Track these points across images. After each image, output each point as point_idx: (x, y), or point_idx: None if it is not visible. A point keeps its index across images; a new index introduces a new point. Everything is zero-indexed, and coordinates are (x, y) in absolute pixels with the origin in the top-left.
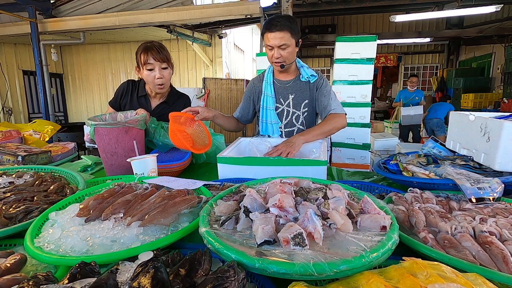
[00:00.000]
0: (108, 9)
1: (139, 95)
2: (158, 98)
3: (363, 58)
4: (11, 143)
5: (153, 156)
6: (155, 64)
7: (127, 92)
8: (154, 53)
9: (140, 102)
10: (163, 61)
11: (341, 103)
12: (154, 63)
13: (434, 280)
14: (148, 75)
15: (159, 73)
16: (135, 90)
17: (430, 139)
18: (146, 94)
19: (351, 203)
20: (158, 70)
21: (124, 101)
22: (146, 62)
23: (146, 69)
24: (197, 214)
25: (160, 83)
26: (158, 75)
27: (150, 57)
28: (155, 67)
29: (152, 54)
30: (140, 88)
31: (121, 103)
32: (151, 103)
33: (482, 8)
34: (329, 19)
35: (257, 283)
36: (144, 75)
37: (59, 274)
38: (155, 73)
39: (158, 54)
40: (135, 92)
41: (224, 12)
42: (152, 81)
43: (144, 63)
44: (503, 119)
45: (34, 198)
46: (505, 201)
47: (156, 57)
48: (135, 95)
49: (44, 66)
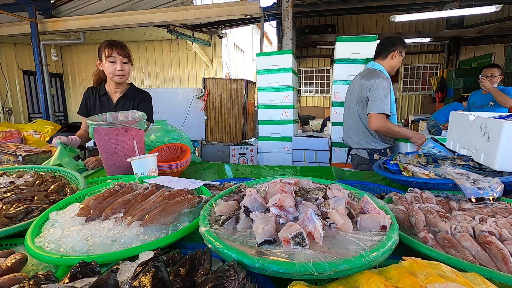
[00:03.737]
0: (108, 9)
1: (100, 95)
2: (118, 93)
3: (363, 58)
4: (12, 143)
5: (153, 156)
6: (117, 58)
7: (89, 97)
8: (118, 49)
9: (102, 100)
10: (124, 56)
11: (341, 103)
12: (116, 57)
13: (434, 279)
14: (109, 67)
15: (120, 66)
16: (96, 92)
17: (430, 139)
18: (106, 92)
19: (351, 203)
20: (120, 64)
21: (89, 105)
22: (110, 55)
23: (109, 61)
24: (197, 213)
25: (120, 74)
26: (119, 67)
27: (114, 51)
28: (117, 60)
29: (116, 49)
30: (100, 89)
31: (87, 107)
32: (112, 99)
33: (482, 8)
34: (329, 19)
35: (257, 283)
36: (105, 66)
37: (60, 274)
38: (116, 66)
39: (121, 50)
40: (96, 93)
41: (224, 12)
42: (112, 72)
43: (108, 55)
44: (503, 119)
45: (34, 197)
46: (504, 201)
47: (120, 52)
48: (96, 96)
49: (44, 66)
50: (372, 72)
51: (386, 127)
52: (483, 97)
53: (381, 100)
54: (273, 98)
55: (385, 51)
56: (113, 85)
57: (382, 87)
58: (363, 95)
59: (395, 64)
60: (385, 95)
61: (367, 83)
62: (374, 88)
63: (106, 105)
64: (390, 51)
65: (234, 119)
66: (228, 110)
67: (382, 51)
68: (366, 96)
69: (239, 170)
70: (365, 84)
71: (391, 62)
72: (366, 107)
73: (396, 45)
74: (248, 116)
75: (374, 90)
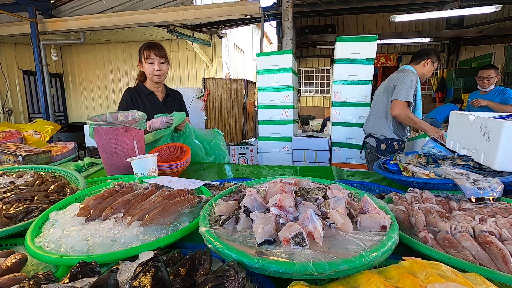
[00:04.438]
0: (108, 9)
1: (146, 94)
2: (160, 92)
3: (363, 58)
4: (12, 143)
5: (153, 156)
6: (155, 58)
7: (134, 96)
8: (155, 50)
9: (149, 98)
10: (161, 57)
11: (341, 103)
12: (154, 58)
13: (434, 279)
14: (148, 68)
15: (157, 66)
16: (139, 92)
17: (430, 139)
18: (152, 92)
19: (351, 203)
20: (157, 64)
21: (136, 104)
22: (148, 57)
23: (148, 62)
24: (197, 213)
25: (159, 74)
26: (157, 68)
27: (152, 53)
28: (155, 61)
29: (154, 50)
30: (142, 89)
31: (134, 106)
32: (158, 97)
33: (482, 8)
34: (329, 19)
35: (257, 283)
36: (145, 67)
37: (60, 274)
38: (155, 66)
39: (158, 51)
40: (140, 93)
41: (224, 12)
42: (151, 72)
43: (147, 57)
44: (503, 119)
45: (34, 197)
46: (504, 201)
47: (157, 53)
48: (142, 96)
49: (44, 66)
50: (404, 69)
51: (406, 114)
52: (482, 98)
53: (407, 89)
54: (273, 98)
55: (419, 58)
56: (154, 84)
57: (410, 79)
58: (390, 85)
59: (426, 72)
60: (411, 86)
61: (397, 75)
62: (402, 79)
63: (155, 103)
64: (423, 59)
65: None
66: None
67: (417, 57)
68: (393, 85)
69: (239, 170)
70: (395, 76)
71: (423, 69)
72: (390, 95)
73: (430, 55)
74: (248, 116)
75: (401, 81)
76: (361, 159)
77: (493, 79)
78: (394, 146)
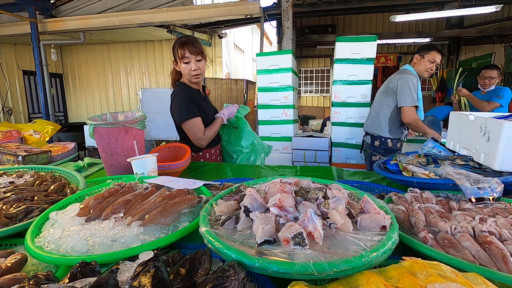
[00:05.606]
0: (108, 9)
1: (196, 93)
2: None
3: (363, 58)
4: (12, 143)
5: (153, 156)
6: (191, 57)
7: (191, 97)
8: (190, 47)
9: (200, 96)
10: (197, 54)
11: (341, 103)
12: (190, 57)
13: (434, 279)
14: (185, 68)
15: (194, 65)
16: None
17: (430, 139)
18: (197, 89)
19: (351, 203)
20: (194, 63)
21: (198, 104)
22: (183, 56)
23: (183, 62)
24: (197, 213)
25: (196, 74)
26: (194, 67)
27: (186, 51)
28: (191, 60)
29: (188, 48)
30: (187, 89)
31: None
32: (202, 93)
33: (482, 8)
34: (329, 19)
35: (257, 283)
36: (182, 67)
37: (60, 274)
38: (191, 65)
39: (193, 48)
40: (191, 93)
41: (224, 12)
42: (188, 73)
43: (182, 57)
44: (503, 119)
45: (34, 197)
46: (505, 201)
47: (192, 50)
48: (196, 95)
49: (44, 66)
50: (403, 70)
51: (416, 121)
52: (482, 98)
53: (410, 94)
54: (273, 98)
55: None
56: (193, 83)
57: (411, 82)
58: (390, 86)
59: (421, 67)
60: (413, 89)
61: (396, 77)
62: (404, 82)
63: (204, 100)
64: (413, 56)
65: None
66: None
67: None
68: (393, 87)
69: (239, 170)
70: (394, 78)
71: (416, 66)
72: (389, 96)
73: (419, 51)
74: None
75: (403, 84)
76: (361, 159)
77: (495, 80)
78: (387, 144)
